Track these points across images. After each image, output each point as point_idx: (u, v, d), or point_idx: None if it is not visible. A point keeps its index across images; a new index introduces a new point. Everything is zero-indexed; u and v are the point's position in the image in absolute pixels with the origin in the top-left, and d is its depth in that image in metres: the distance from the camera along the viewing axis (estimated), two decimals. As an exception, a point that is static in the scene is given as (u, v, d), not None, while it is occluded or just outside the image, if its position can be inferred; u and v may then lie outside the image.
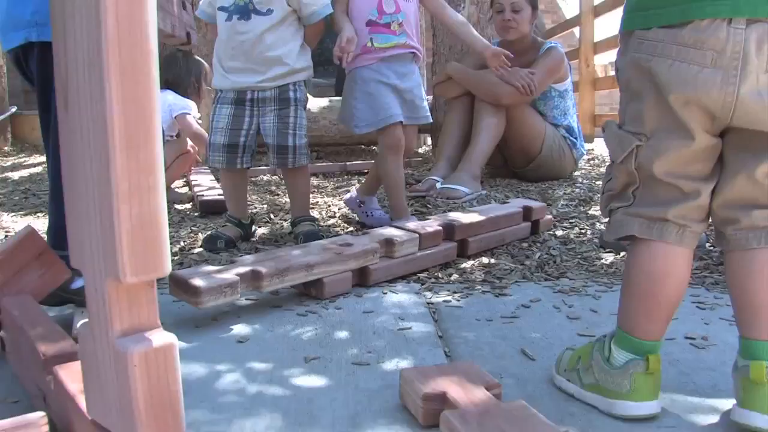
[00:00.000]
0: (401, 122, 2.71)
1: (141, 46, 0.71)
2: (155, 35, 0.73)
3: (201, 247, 2.63)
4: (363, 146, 5.79)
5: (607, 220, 1.40)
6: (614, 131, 1.33)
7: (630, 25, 1.29)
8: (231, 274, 1.82)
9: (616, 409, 1.28)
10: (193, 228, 2.97)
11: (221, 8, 2.62)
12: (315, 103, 5.34)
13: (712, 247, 2.43)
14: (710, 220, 1.31)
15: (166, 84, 3.76)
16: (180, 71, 3.88)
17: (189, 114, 3.76)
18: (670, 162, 1.25)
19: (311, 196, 3.61)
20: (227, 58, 2.64)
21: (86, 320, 0.83)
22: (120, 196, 0.71)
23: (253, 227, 2.86)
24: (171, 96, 3.77)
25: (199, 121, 3.91)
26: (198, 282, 1.74)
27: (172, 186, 3.86)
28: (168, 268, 0.76)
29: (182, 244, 2.68)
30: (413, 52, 2.78)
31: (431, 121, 2.97)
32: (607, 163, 1.41)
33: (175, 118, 3.70)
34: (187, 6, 2.33)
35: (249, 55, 2.59)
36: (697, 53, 1.18)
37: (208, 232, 2.73)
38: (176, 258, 2.45)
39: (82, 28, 0.72)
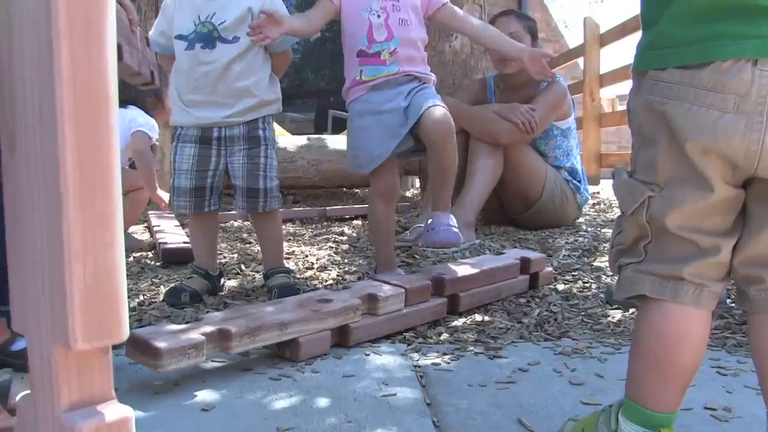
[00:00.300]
0: (396, 156, 2.68)
1: (99, 89, 0.71)
2: (115, 78, 0.73)
3: (163, 301, 2.61)
4: (345, 189, 5.81)
5: (616, 276, 1.38)
6: (624, 180, 1.32)
7: (643, 64, 1.27)
8: (196, 334, 1.81)
9: None
10: (154, 280, 2.95)
11: (179, 37, 2.61)
12: (292, 141, 5.38)
13: (733, 304, 2.44)
14: (731, 278, 1.29)
15: (125, 102, 3.66)
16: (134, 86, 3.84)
17: (149, 135, 3.67)
18: (686, 215, 1.22)
19: (287, 244, 3.61)
20: (189, 91, 2.63)
21: (27, 391, 0.82)
22: (73, 254, 0.70)
23: (222, 279, 2.84)
24: (135, 111, 3.69)
25: (157, 141, 3.85)
26: (159, 343, 1.72)
27: (130, 231, 3.83)
28: (126, 332, 0.75)
29: (141, 298, 2.66)
30: (411, 75, 2.69)
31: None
32: (615, 210, 1.40)
33: (132, 134, 3.60)
34: (151, 44, 2.34)
35: (214, 87, 2.59)
36: (718, 97, 1.16)
37: (172, 285, 2.72)
38: (134, 314, 2.43)
39: (32, 66, 0.72)
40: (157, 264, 3.28)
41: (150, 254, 3.53)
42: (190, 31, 2.59)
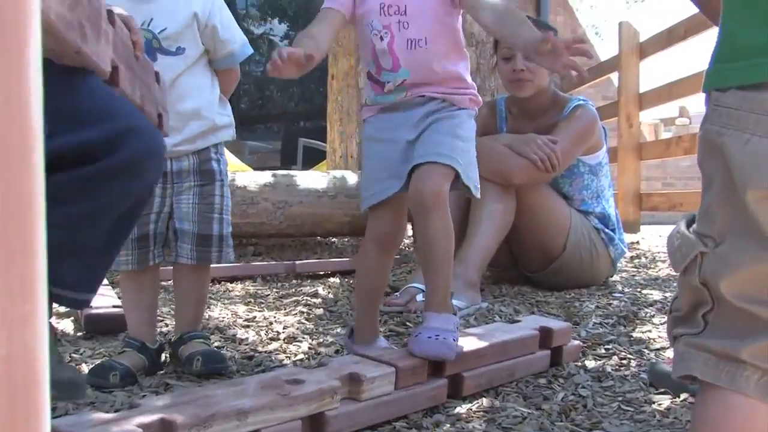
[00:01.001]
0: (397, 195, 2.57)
1: (21, 126, 0.73)
2: (39, 107, 0.75)
3: (87, 382, 2.59)
4: (319, 238, 5.82)
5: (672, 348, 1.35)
6: (680, 229, 1.30)
7: (708, 83, 1.26)
8: (130, 425, 1.80)
9: None
10: (74, 355, 2.94)
11: None
12: (252, 179, 5.39)
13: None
14: None
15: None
16: None
17: None
18: (744, 280, 1.19)
19: (246, 308, 3.63)
20: None
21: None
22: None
23: (163, 354, 2.84)
24: None
25: None
26: (82, 437, 1.72)
27: None
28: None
29: (60, 377, 2.65)
30: (426, 96, 2.58)
31: (465, 182, 2.58)
32: (660, 266, 1.39)
33: None
34: (161, 81, 2.38)
35: None
36: None
37: (98, 361, 2.71)
38: (50, 401, 2.41)
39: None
40: (79, 334, 3.27)
41: (69, 321, 3.52)
42: None
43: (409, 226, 5.82)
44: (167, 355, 2.87)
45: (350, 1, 2.56)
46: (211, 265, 2.87)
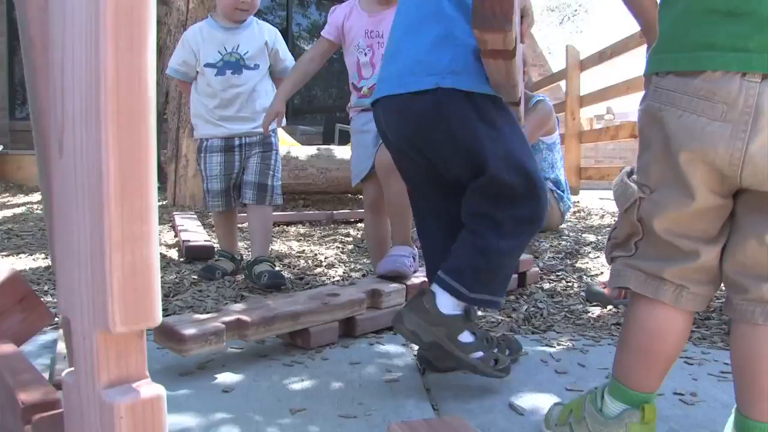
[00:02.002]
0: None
1: (139, 94, 0.71)
2: (153, 83, 0.73)
3: (197, 275, 2.84)
4: (350, 195, 5.80)
5: (610, 266, 1.35)
6: (623, 179, 1.29)
7: (649, 69, 1.24)
8: (217, 322, 1.80)
9: None
10: (178, 274, 2.94)
11: (208, 65, 2.84)
12: (303, 152, 5.36)
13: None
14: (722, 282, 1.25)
15: None
16: None
17: None
18: (670, 220, 1.20)
19: (297, 244, 3.61)
20: (221, 107, 2.85)
21: (71, 369, 0.81)
22: (113, 245, 0.70)
23: (242, 262, 3.01)
24: None
25: None
26: (184, 330, 1.71)
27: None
28: (159, 318, 0.75)
29: (167, 290, 2.66)
30: None
31: None
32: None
33: None
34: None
35: (243, 104, 2.85)
36: (707, 105, 1.12)
37: (206, 263, 2.92)
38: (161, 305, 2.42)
39: (81, 74, 0.72)
40: (181, 260, 3.27)
41: (174, 251, 3.53)
42: (217, 60, 2.84)
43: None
44: (245, 271, 2.90)
45: (340, 32, 2.56)
46: (273, 213, 3.04)
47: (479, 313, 2.37)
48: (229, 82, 2.82)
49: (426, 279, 2.33)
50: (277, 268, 2.90)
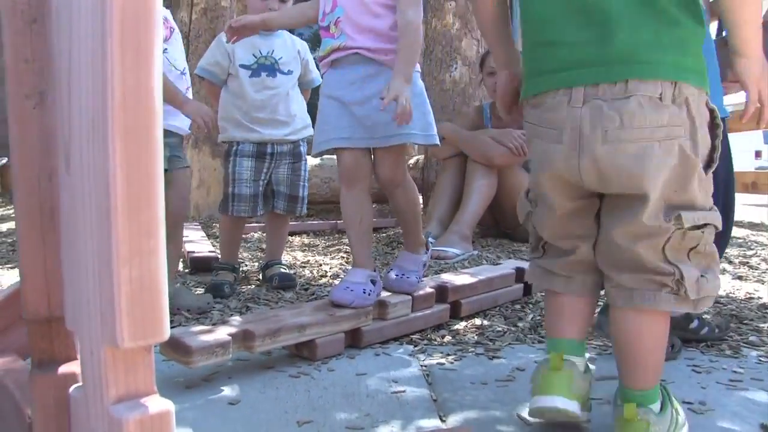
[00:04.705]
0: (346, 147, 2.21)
1: (146, 108, 0.71)
2: (160, 97, 0.73)
3: (207, 292, 2.72)
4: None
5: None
6: (521, 196, 1.57)
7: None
8: (223, 334, 1.79)
9: (529, 406, 1.46)
10: (183, 285, 2.94)
11: (243, 66, 2.82)
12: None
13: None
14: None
15: None
16: None
17: None
18: (546, 227, 1.48)
19: (302, 254, 3.61)
20: (254, 110, 2.82)
21: (79, 384, 0.81)
22: (120, 260, 0.70)
23: (240, 272, 3.03)
24: None
25: None
26: (190, 342, 1.71)
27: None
28: (167, 333, 0.74)
29: (172, 302, 2.65)
30: (361, 55, 2.16)
31: (419, 141, 2.24)
32: None
33: None
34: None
35: (276, 108, 2.84)
36: (547, 131, 1.35)
37: (210, 282, 2.79)
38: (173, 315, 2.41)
39: (89, 89, 0.72)
40: (186, 271, 3.27)
41: (180, 262, 3.52)
42: (252, 62, 2.83)
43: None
44: (259, 276, 3.01)
45: None
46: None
47: (485, 322, 2.36)
48: (264, 84, 2.82)
49: (434, 289, 2.34)
50: (290, 271, 3.00)
